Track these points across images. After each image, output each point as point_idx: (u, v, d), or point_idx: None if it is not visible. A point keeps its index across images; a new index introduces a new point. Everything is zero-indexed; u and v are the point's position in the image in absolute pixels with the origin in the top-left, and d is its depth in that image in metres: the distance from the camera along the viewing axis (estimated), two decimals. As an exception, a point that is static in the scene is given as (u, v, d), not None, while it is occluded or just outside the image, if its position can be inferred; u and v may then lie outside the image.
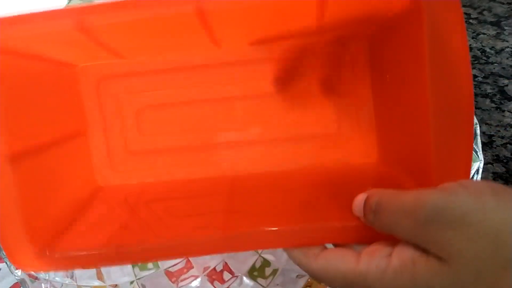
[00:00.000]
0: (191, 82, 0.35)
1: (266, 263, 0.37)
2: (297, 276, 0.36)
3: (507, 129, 0.47)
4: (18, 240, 0.25)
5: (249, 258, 0.37)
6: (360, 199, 0.24)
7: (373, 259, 0.22)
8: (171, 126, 0.35)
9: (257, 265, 0.37)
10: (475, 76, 0.51)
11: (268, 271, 0.36)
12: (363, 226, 0.24)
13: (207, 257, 0.37)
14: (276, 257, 0.37)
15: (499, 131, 0.47)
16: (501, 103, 0.49)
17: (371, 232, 0.23)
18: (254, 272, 0.36)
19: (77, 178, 0.33)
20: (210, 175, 0.34)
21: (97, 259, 0.26)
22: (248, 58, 0.34)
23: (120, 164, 0.35)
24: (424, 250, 0.21)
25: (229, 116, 0.35)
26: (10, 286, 0.38)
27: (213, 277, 0.36)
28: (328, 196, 0.29)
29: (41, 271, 0.28)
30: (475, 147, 0.35)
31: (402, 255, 0.21)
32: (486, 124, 0.47)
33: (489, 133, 0.47)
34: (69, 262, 0.26)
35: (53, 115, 0.31)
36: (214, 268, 0.37)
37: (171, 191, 0.33)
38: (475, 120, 0.34)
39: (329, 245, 0.25)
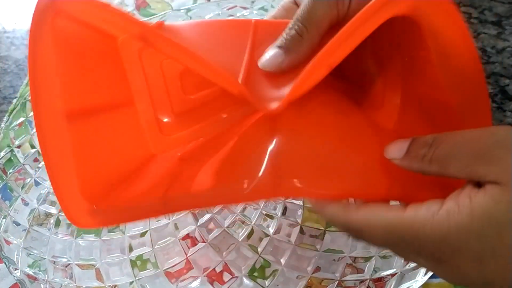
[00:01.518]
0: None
1: (266, 263, 0.36)
2: (297, 276, 0.36)
3: (508, 129, 0.47)
4: (72, 195, 0.26)
5: (249, 259, 0.37)
6: (400, 141, 0.24)
7: (422, 206, 0.22)
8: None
9: (257, 265, 0.36)
10: (476, 76, 0.51)
11: (268, 271, 0.36)
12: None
13: (207, 258, 0.37)
14: (276, 257, 0.37)
15: (500, 131, 0.47)
16: (502, 103, 0.49)
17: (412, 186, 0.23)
18: (254, 273, 0.36)
19: (129, 144, 0.33)
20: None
21: (145, 210, 0.26)
22: None
23: (169, 129, 0.34)
24: (478, 184, 0.21)
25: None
26: (9, 286, 0.38)
27: (213, 278, 0.36)
28: None
29: (94, 226, 0.28)
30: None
31: (457, 196, 0.21)
32: (487, 124, 0.47)
33: (490, 133, 0.47)
34: (119, 215, 0.27)
35: (104, 82, 0.31)
36: (214, 269, 0.37)
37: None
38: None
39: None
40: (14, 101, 0.53)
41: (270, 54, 0.29)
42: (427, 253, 0.21)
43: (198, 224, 0.39)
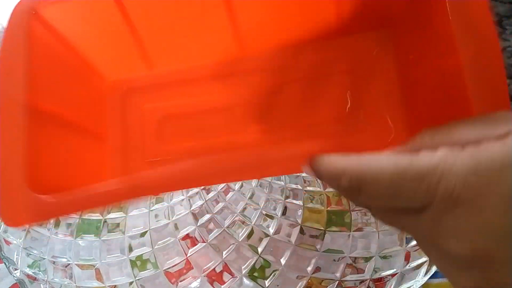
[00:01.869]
0: (214, 90, 0.35)
1: (266, 263, 0.36)
2: (297, 276, 0.36)
3: (509, 129, 0.47)
4: (16, 186, 0.25)
5: (249, 259, 0.37)
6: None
7: (439, 149, 0.18)
8: (192, 133, 0.35)
9: (257, 265, 0.36)
10: (476, 76, 0.51)
11: (268, 271, 0.36)
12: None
13: (207, 258, 0.37)
14: (277, 257, 0.37)
15: (501, 131, 0.47)
16: (502, 103, 0.49)
17: None
18: (254, 273, 0.36)
19: (88, 170, 0.33)
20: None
21: (105, 196, 0.25)
22: (272, 65, 0.34)
23: (135, 171, 0.34)
24: None
25: (252, 120, 0.34)
26: (9, 287, 0.38)
27: (213, 278, 0.36)
28: None
29: (40, 220, 0.27)
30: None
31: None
32: (488, 124, 0.47)
33: (490, 133, 0.46)
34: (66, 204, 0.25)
35: (77, 103, 0.33)
36: (214, 269, 0.37)
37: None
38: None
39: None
40: (14, 101, 0.53)
41: None
42: (443, 191, 0.17)
43: (198, 224, 0.39)
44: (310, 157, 0.23)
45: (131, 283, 0.36)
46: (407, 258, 0.34)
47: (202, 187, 0.41)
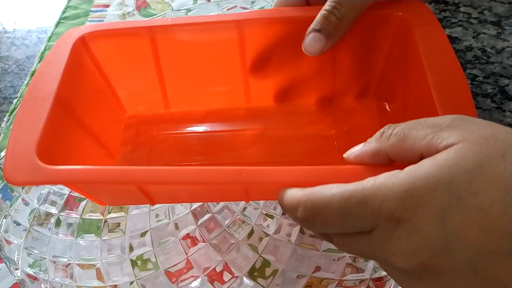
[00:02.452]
0: (220, 127, 0.41)
1: (266, 263, 0.36)
2: (297, 276, 0.36)
3: (508, 129, 0.47)
4: (26, 153, 0.27)
5: (249, 259, 0.37)
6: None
7: (381, 175, 0.20)
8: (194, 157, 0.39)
9: (257, 265, 0.36)
10: (475, 76, 0.51)
11: (268, 271, 0.36)
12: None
13: (207, 257, 0.37)
14: (277, 257, 0.37)
15: (500, 131, 0.47)
16: (501, 103, 0.48)
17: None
18: (254, 273, 0.36)
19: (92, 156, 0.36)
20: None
21: (99, 174, 0.27)
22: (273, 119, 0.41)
23: None
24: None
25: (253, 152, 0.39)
26: (9, 286, 0.38)
27: (213, 277, 0.36)
28: None
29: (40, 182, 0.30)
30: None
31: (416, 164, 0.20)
32: (487, 124, 0.47)
33: (490, 133, 0.46)
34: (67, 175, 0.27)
35: (96, 118, 0.37)
36: (214, 269, 0.37)
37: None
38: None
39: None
40: (15, 101, 0.53)
41: (310, 39, 0.31)
42: (385, 213, 0.19)
43: (199, 224, 0.39)
44: (277, 189, 0.25)
45: (131, 282, 0.36)
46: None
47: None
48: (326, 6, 0.31)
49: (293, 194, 0.23)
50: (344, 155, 0.25)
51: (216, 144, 0.40)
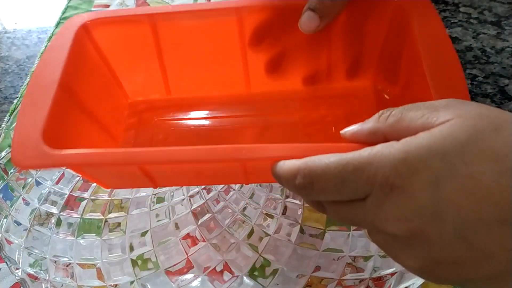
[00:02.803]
0: (220, 114, 0.41)
1: (266, 263, 0.36)
2: (297, 276, 0.36)
3: (508, 128, 0.46)
4: (32, 137, 0.28)
5: (249, 258, 0.37)
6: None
7: (377, 145, 0.21)
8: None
9: (257, 265, 0.36)
10: (475, 76, 0.51)
11: (268, 271, 0.36)
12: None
13: (208, 257, 0.37)
14: (277, 257, 0.37)
15: (500, 130, 0.46)
16: (501, 103, 0.48)
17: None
18: (255, 272, 0.36)
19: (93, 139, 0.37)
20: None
21: (103, 156, 0.27)
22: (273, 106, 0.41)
23: None
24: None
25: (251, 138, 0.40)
26: (10, 286, 0.38)
27: (213, 277, 0.36)
28: None
29: (45, 166, 0.32)
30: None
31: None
32: (487, 123, 0.47)
33: (489, 132, 0.46)
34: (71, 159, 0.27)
35: (100, 104, 0.37)
36: (214, 268, 0.37)
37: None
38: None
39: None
40: (15, 101, 0.53)
41: (305, 17, 0.33)
42: (380, 179, 0.20)
43: (199, 223, 0.39)
44: (272, 164, 0.25)
45: (132, 282, 0.36)
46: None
47: (203, 186, 0.41)
48: None
49: (292, 163, 0.24)
50: (341, 132, 0.25)
51: (217, 129, 0.40)
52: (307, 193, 0.23)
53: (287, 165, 0.24)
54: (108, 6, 0.64)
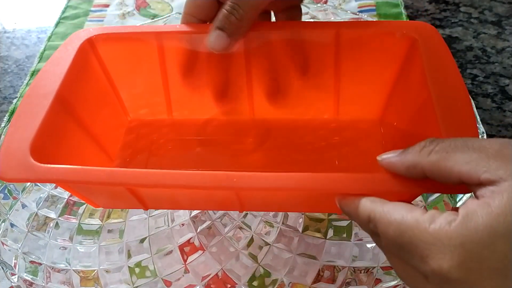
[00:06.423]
0: (220, 133, 0.39)
1: (266, 273, 0.34)
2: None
3: (508, 129, 0.45)
4: (20, 150, 0.26)
5: (248, 268, 0.35)
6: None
7: (442, 213, 0.19)
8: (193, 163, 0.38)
9: (257, 274, 0.34)
10: (475, 76, 0.49)
11: (267, 281, 0.34)
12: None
13: (206, 265, 0.35)
14: (276, 266, 0.34)
15: (500, 131, 0.45)
16: (502, 103, 0.47)
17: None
18: (254, 282, 0.34)
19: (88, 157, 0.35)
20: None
21: (88, 174, 0.25)
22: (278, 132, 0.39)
23: None
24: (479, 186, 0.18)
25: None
26: (6, 291, 0.36)
27: (212, 286, 0.34)
28: None
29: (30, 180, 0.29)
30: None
31: (469, 202, 0.18)
32: (487, 124, 0.45)
33: (490, 133, 0.45)
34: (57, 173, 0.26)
35: (97, 120, 0.35)
36: (213, 277, 0.34)
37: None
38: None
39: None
40: (15, 101, 0.51)
41: (214, 37, 0.31)
42: (435, 266, 0.17)
43: (198, 231, 0.37)
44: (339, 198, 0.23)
45: (129, 290, 0.34)
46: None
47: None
48: (226, 6, 0.30)
49: (365, 207, 0.22)
50: (378, 158, 0.23)
51: (217, 152, 0.38)
52: (377, 241, 0.22)
53: (362, 206, 0.22)
54: (108, 5, 0.61)
